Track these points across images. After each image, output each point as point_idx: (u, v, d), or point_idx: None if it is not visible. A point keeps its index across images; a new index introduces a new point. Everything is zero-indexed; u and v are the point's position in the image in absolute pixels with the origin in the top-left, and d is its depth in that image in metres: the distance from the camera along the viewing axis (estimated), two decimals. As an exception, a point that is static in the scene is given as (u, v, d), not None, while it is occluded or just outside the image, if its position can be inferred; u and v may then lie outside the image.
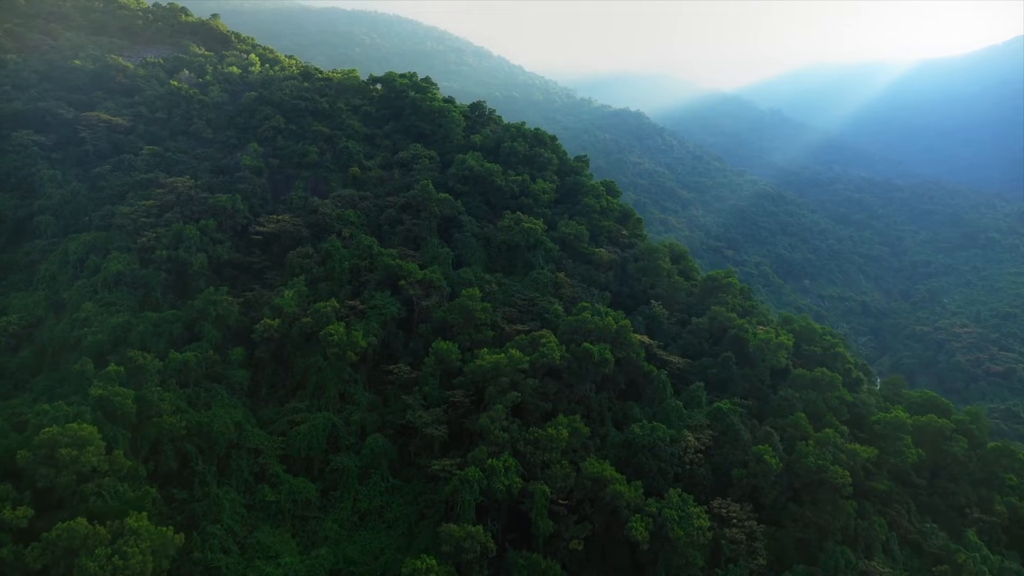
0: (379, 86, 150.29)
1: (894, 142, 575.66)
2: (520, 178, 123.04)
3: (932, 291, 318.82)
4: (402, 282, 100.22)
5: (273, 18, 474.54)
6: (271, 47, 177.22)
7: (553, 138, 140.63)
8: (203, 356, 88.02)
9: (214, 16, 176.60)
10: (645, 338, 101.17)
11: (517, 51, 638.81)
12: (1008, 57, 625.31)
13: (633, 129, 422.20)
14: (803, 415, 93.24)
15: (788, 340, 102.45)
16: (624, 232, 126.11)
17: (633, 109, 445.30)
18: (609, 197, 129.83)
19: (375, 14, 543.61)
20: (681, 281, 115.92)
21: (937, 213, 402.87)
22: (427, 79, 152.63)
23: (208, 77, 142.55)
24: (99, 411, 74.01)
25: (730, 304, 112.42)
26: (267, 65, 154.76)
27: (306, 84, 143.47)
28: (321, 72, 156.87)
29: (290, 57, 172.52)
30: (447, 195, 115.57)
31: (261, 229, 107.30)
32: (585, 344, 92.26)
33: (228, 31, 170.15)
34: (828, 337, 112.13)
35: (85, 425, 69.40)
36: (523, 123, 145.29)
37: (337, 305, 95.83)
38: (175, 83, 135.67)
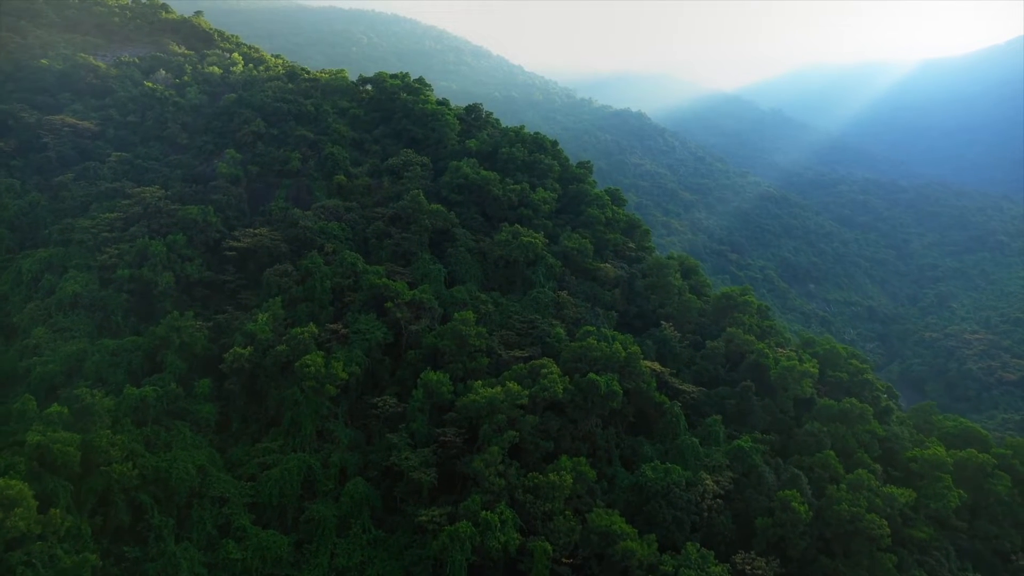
0: (369, 87, 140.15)
1: (896, 142, 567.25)
2: (519, 187, 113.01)
3: (940, 296, 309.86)
4: (388, 304, 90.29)
5: (269, 17, 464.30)
6: (257, 46, 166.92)
7: (554, 143, 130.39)
8: (164, 390, 78.04)
9: (197, 13, 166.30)
10: (656, 365, 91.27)
11: (517, 51, 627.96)
12: (1010, 57, 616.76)
13: (634, 130, 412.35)
14: (832, 453, 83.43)
15: (813, 367, 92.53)
16: (631, 245, 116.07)
17: (634, 109, 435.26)
18: (614, 207, 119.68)
19: (373, 13, 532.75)
20: (693, 299, 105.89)
21: (943, 215, 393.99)
22: (420, 80, 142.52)
23: (186, 78, 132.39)
24: (36, 461, 64.15)
25: (747, 325, 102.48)
26: (251, 65, 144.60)
27: (290, 85, 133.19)
28: (308, 72, 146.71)
29: (276, 56, 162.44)
30: (439, 206, 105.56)
31: (235, 244, 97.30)
32: (590, 375, 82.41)
33: (211, 29, 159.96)
34: (854, 362, 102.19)
35: (14, 482, 59.45)
36: (522, 127, 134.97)
37: (316, 331, 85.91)
38: (149, 84, 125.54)
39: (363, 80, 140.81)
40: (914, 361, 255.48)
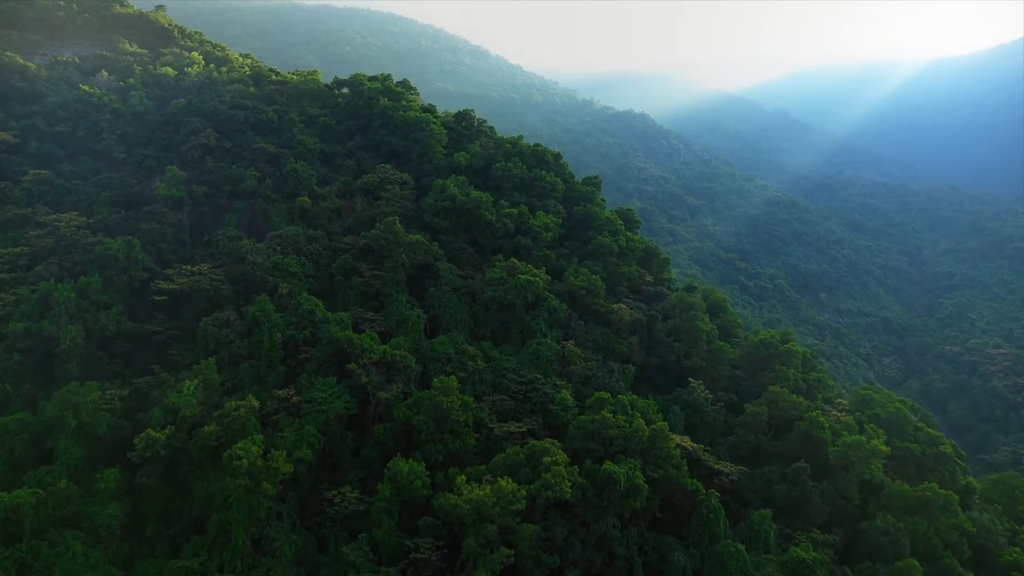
0: (346, 91, 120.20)
1: (902, 143, 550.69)
2: (516, 211, 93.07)
3: (959, 306, 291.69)
4: (353, 365, 70.73)
5: (261, 16, 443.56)
6: (223, 44, 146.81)
7: (557, 156, 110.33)
8: (49, 492, 58.57)
9: (159, 8, 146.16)
10: (686, 440, 71.74)
11: (516, 51, 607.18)
12: (1016, 57, 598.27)
13: (638, 132, 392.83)
14: (915, 562, 63.90)
15: (881, 443, 72.84)
16: (648, 278, 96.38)
17: (637, 111, 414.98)
18: (628, 234, 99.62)
19: (368, 12, 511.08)
20: (725, 348, 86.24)
21: (957, 220, 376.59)
22: (404, 82, 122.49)
23: (132, 80, 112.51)
24: None
25: (791, 380, 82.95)
26: (212, 65, 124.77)
27: (252, 89, 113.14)
28: (278, 74, 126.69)
29: (245, 56, 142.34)
30: (419, 237, 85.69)
31: (166, 286, 77.58)
32: (607, 464, 62.94)
33: (171, 24, 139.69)
34: (924, 427, 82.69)
35: None
36: (519, 137, 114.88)
37: (256, 404, 66.29)
38: (86, 88, 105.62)
39: (338, 83, 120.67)
40: (934, 377, 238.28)
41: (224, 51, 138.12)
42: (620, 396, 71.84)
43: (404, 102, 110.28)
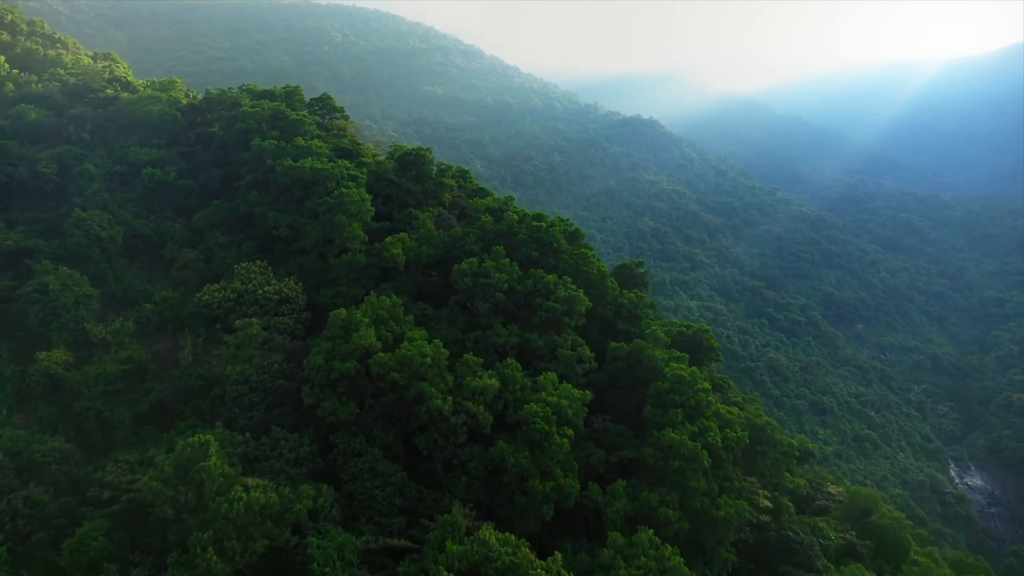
0: (220, 114, 68.66)
1: (921, 149, 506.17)
2: (495, 383, 41.67)
3: (1019, 342, 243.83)
4: None
5: (235, 13, 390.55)
6: (70, 39, 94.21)
7: (575, 235, 56.52)
8: None
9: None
10: None
11: (512, 53, 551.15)
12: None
13: (647, 140, 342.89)
14: None
15: None
16: (764, 499, 45.38)
17: (642, 116, 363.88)
18: (719, 406, 45.75)
19: (352, 9, 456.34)
20: None
21: (1000, 237, 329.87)
22: (322, 99, 70.51)
23: None
24: None
25: None
26: (16, 71, 73.52)
27: (36, 115, 61.66)
28: (126, 85, 74.95)
29: (103, 56, 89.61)
30: (265, 487, 34.40)
31: None
32: None
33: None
34: None
35: None
36: (510, 198, 61.57)
37: None
38: None
39: (208, 101, 68.95)
40: (1003, 433, 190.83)
41: (60, 49, 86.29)
42: None
43: (301, 140, 58.31)
